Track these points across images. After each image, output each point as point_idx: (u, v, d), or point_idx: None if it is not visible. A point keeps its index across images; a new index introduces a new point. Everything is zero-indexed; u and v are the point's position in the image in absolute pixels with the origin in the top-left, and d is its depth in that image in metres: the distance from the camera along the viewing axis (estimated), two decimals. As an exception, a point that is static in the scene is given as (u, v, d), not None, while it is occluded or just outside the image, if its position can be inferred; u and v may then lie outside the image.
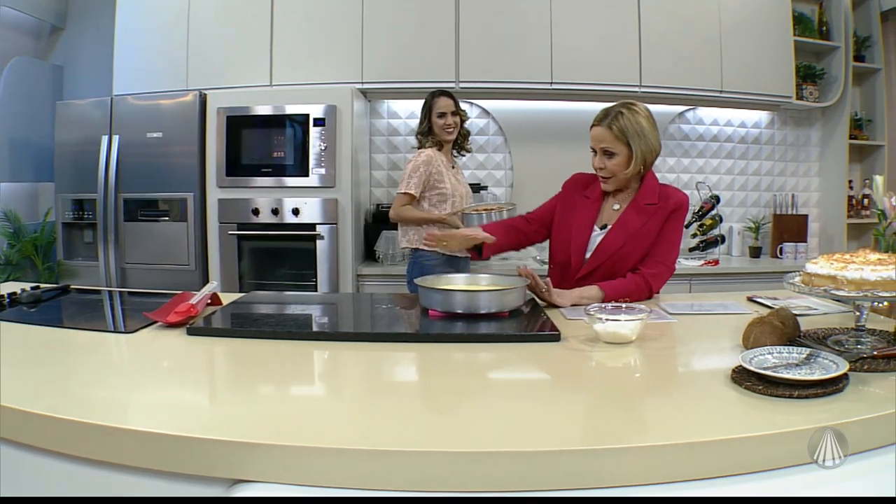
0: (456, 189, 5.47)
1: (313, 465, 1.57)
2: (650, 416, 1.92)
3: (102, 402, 1.94)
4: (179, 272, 6.14)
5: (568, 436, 1.72)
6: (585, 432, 1.79)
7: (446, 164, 5.50)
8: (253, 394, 2.18)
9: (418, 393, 2.23)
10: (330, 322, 3.44)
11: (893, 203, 3.07)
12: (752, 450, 1.63)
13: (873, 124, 7.57)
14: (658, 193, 3.70)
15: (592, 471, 1.56)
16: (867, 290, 2.24)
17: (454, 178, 5.53)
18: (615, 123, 3.55)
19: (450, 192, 5.40)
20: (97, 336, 2.77)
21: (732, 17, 6.71)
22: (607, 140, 3.58)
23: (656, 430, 1.80)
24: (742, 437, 1.63)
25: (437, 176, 5.39)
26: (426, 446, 1.61)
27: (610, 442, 1.64)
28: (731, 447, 1.62)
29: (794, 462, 1.65)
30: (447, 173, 5.46)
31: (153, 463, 1.67)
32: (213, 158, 6.10)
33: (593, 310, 2.67)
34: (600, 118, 3.63)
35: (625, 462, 1.58)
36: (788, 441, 1.66)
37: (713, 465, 1.60)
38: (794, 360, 2.11)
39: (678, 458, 1.60)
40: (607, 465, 1.57)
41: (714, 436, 1.63)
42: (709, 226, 6.97)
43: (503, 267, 6.20)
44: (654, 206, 3.66)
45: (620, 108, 3.59)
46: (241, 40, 6.45)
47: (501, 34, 6.46)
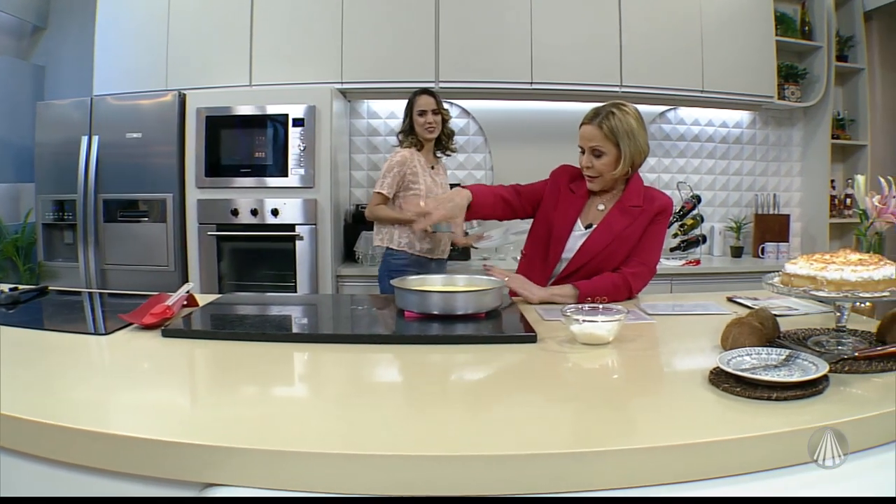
0: (431, 190, 5.43)
1: (286, 469, 1.54)
2: (626, 419, 1.90)
3: (73, 405, 1.90)
4: (159, 273, 6.12)
5: (543, 439, 1.68)
6: (561, 435, 1.75)
7: (424, 165, 5.49)
8: (226, 396, 2.14)
9: (394, 396, 2.20)
10: (304, 323, 3.41)
11: (875, 203, 3.05)
12: (727, 453, 1.61)
13: (856, 124, 7.58)
14: (643, 196, 3.69)
15: (568, 474, 1.53)
16: (847, 290, 2.22)
17: (432, 178, 5.51)
18: (605, 123, 3.52)
19: (424, 192, 5.35)
20: (72, 338, 2.72)
21: (714, 17, 6.72)
22: (597, 139, 3.55)
23: (632, 433, 1.78)
24: (717, 441, 1.60)
25: (411, 177, 5.39)
26: (402, 450, 1.58)
27: (585, 445, 1.62)
28: (705, 450, 1.59)
29: (771, 466, 1.62)
30: (423, 174, 5.45)
31: (123, 466, 1.64)
32: (192, 159, 6.08)
33: (570, 310, 2.64)
34: (590, 117, 3.60)
35: (600, 466, 1.55)
36: (766, 444, 1.63)
37: (687, 468, 1.58)
38: (773, 361, 2.09)
39: (651, 461, 1.57)
40: (583, 469, 1.55)
41: (689, 439, 1.61)
42: (690, 226, 6.99)
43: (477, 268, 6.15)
44: (638, 209, 3.64)
45: (611, 107, 3.56)
46: (221, 40, 6.43)
47: (481, 34, 6.45)
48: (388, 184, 5.38)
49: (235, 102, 6.02)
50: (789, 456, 1.64)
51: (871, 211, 3.08)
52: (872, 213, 3.07)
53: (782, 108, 7.47)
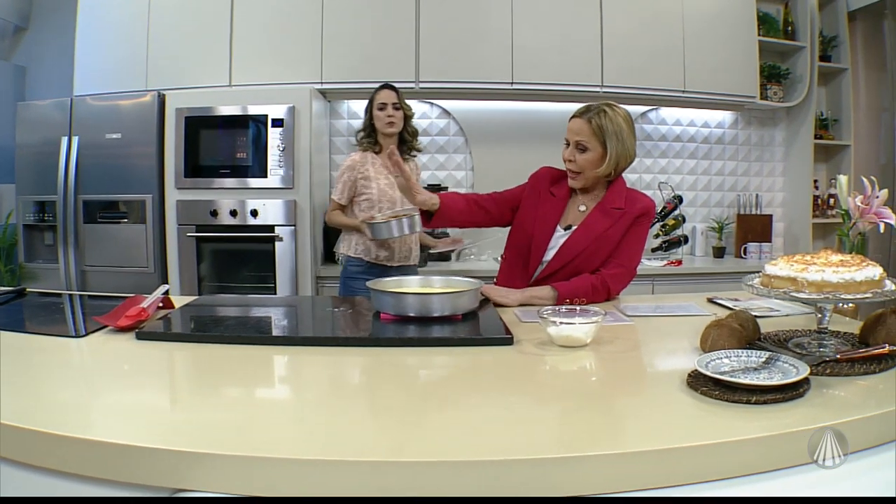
0: (384, 194, 5.26)
1: (258, 475, 1.52)
2: (602, 424, 1.87)
3: (41, 407, 1.88)
4: (139, 275, 6.08)
5: (518, 444, 1.66)
6: (536, 440, 1.72)
7: (378, 168, 5.30)
8: (199, 400, 2.13)
9: (369, 400, 2.16)
10: (281, 325, 3.38)
11: (858, 203, 3.04)
12: (704, 459, 1.59)
13: (839, 124, 7.60)
14: (625, 198, 3.66)
15: (542, 479, 1.51)
16: (829, 292, 2.20)
17: (388, 181, 5.26)
18: (595, 119, 3.50)
19: (376, 197, 5.23)
20: (46, 340, 2.70)
21: (696, 17, 6.72)
22: (584, 133, 3.52)
23: (607, 438, 1.76)
24: (693, 447, 1.58)
25: (363, 181, 5.26)
26: (377, 456, 1.57)
27: (560, 451, 1.60)
28: (681, 456, 1.57)
29: (750, 471, 1.61)
30: (377, 178, 5.28)
31: (91, 470, 1.62)
32: (171, 159, 6.04)
33: (546, 312, 2.62)
34: (581, 112, 3.58)
35: (574, 471, 1.53)
36: (744, 449, 1.61)
37: (662, 474, 1.56)
38: (752, 364, 2.06)
39: (625, 467, 1.55)
40: (557, 474, 1.53)
41: (664, 444, 1.58)
42: (671, 226, 6.98)
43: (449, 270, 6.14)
44: (620, 211, 3.62)
45: (604, 106, 3.55)
46: (201, 40, 6.39)
47: (462, 34, 6.44)
48: (338, 190, 5.31)
49: (215, 103, 5.99)
50: (769, 461, 1.62)
51: (854, 211, 3.06)
52: (855, 214, 3.06)
53: (765, 109, 7.48)
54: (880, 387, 2.02)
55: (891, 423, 1.78)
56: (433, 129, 7.06)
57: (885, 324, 2.35)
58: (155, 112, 6.02)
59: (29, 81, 7.47)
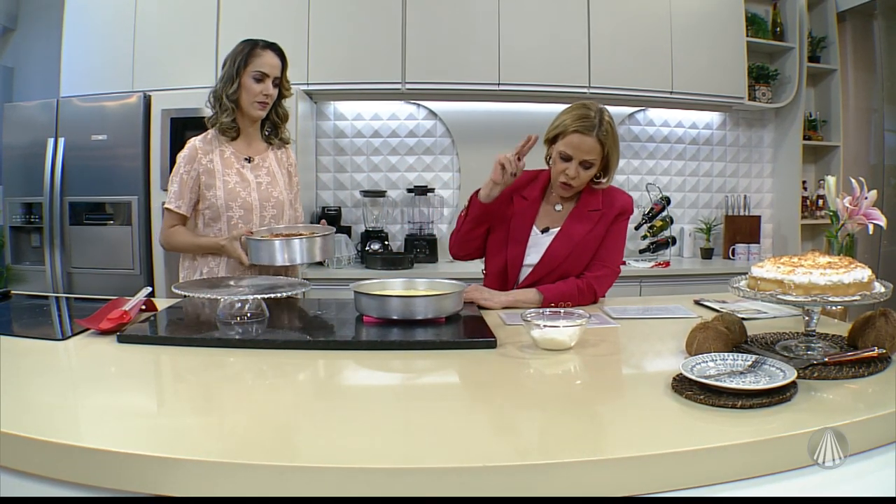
0: (235, 198, 3.74)
1: (233, 481, 1.51)
2: (586, 429, 1.85)
3: (18, 411, 1.84)
4: (125, 277, 6.05)
5: (500, 449, 1.66)
6: (518, 446, 1.72)
7: (227, 159, 3.81)
8: (177, 405, 2.13)
9: (350, 404, 2.13)
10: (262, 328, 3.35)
11: (847, 204, 3.02)
12: (689, 465, 1.57)
13: (828, 125, 7.59)
14: (601, 199, 3.60)
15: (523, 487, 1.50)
16: (816, 294, 2.18)
17: (242, 177, 3.80)
18: (601, 135, 3.35)
19: (222, 203, 3.72)
20: (26, 343, 2.68)
21: (683, 18, 6.72)
22: (594, 153, 3.38)
23: (591, 443, 1.74)
24: (678, 452, 1.57)
25: (206, 178, 3.74)
26: (357, 462, 1.54)
27: (543, 457, 1.59)
28: (665, 462, 1.56)
29: (735, 477, 1.59)
30: (228, 171, 3.78)
31: (64, 474, 1.61)
32: (157, 161, 6.01)
33: (530, 315, 2.61)
34: (588, 127, 3.34)
35: (556, 478, 1.51)
36: (730, 455, 1.60)
37: (646, 480, 1.54)
38: (738, 367, 2.04)
39: (609, 474, 1.53)
40: (539, 481, 1.51)
41: (649, 450, 1.57)
42: (659, 227, 6.97)
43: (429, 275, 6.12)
44: (598, 213, 3.57)
45: (599, 114, 3.39)
46: (187, 41, 6.37)
47: (448, 35, 6.43)
48: (174, 194, 3.76)
49: (201, 104, 5.90)
50: (755, 467, 1.61)
51: (843, 212, 3.05)
52: (844, 215, 3.05)
53: (753, 109, 7.47)
54: (869, 390, 2.01)
55: (881, 428, 1.77)
56: (420, 131, 7.06)
57: (874, 326, 2.33)
58: (141, 113, 5.99)
59: (16, 82, 7.46)
